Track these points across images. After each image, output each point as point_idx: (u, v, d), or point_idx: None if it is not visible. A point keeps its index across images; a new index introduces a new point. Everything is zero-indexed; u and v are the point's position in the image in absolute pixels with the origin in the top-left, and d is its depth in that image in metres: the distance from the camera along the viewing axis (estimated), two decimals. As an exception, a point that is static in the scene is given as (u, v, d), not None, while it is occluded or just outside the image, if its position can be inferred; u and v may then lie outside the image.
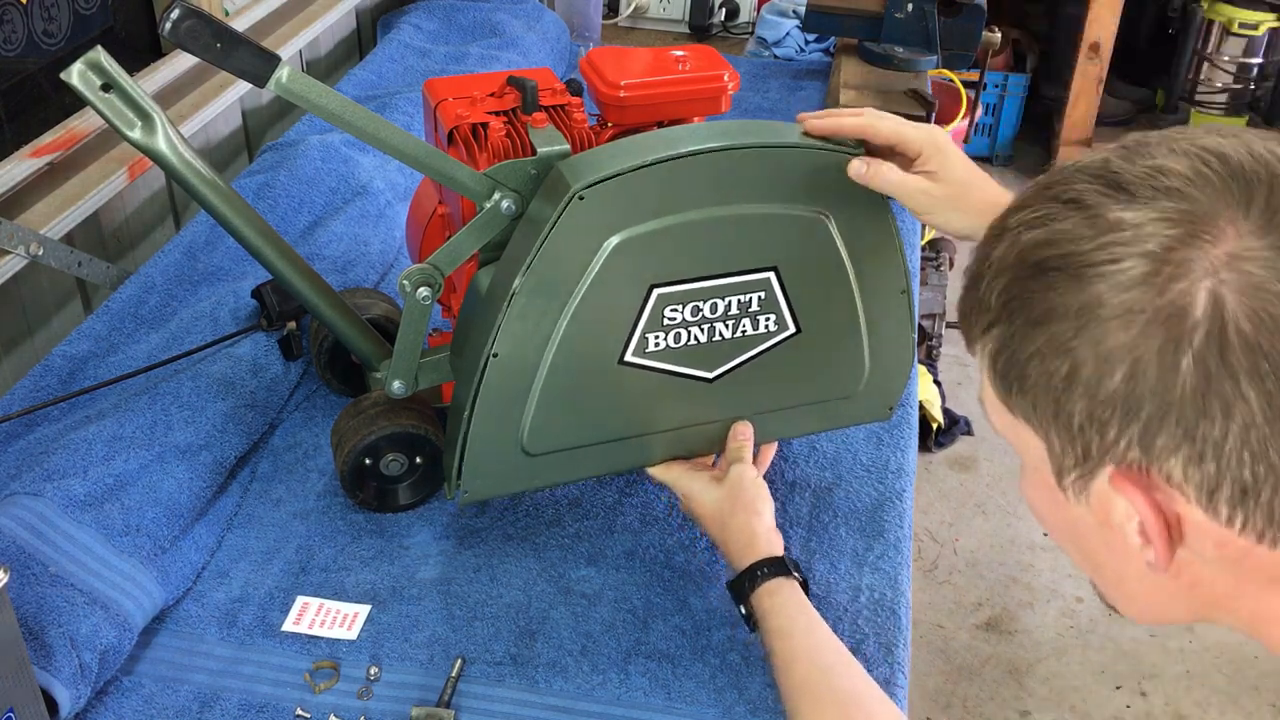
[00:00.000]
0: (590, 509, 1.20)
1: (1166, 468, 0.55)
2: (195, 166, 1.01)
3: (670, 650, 1.05)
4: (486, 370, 0.99)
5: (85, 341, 1.33)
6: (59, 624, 0.94)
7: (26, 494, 1.03)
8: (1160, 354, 0.53)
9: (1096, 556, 0.65)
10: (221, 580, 1.11)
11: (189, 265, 1.46)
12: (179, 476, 1.11)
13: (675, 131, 1.05)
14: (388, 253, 1.54)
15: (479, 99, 1.12)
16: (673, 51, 1.13)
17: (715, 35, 2.63)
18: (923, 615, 2.28)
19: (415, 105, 1.80)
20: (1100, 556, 0.64)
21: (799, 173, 1.00)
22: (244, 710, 0.98)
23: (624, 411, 1.08)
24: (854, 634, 1.07)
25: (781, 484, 1.23)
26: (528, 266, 0.95)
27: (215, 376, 1.22)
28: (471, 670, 1.02)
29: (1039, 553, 2.44)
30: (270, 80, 0.95)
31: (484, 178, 1.03)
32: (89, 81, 0.94)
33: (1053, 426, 0.58)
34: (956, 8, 2.16)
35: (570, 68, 2.25)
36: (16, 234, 1.28)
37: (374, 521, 1.18)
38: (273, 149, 1.68)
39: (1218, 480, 0.54)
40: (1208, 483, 0.54)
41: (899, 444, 1.30)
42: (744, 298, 1.04)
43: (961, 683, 2.17)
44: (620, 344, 1.02)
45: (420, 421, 1.14)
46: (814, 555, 1.15)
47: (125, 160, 1.46)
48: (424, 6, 2.22)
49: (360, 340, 1.17)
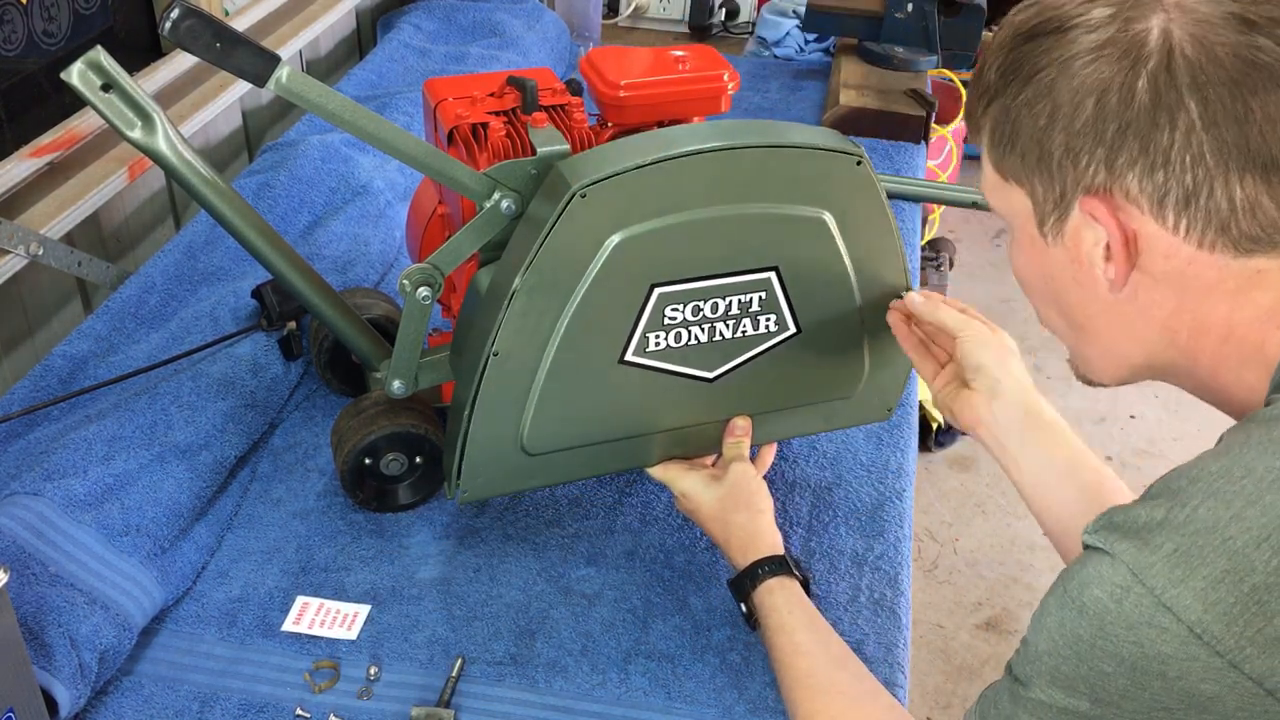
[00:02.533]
0: (590, 509, 1.20)
1: (1125, 184, 0.67)
2: (195, 166, 1.01)
3: (670, 650, 1.05)
4: (487, 369, 0.99)
5: (85, 341, 1.33)
6: (59, 624, 0.94)
7: (26, 494, 1.03)
8: (1122, 80, 0.65)
9: (1068, 298, 0.76)
10: (221, 580, 1.11)
11: (189, 265, 1.46)
12: (179, 476, 1.11)
13: (675, 131, 1.05)
14: (388, 253, 1.54)
15: (479, 99, 1.12)
16: (673, 51, 1.13)
17: (715, 35, 2.63)
18: (923, 615, 2.28)
19: (415, 105, 1.80)
20: (1071, 296, 0.76)
21: (799, 173, 1.00)
22: (244, 710, 0.98)
23: (624, 411, 1.08)
24: (854, 634, 1.07)
25: (781, 484, 1.23)
26: (528, 266, 0.95)
27: (215, 376, 1.22)
28: (471, 670, 1.02)
29: (1039, 553, 2.44)
30: (270, 80, 0.95)
31: (484, 177, 1.02)
32: (89, 81, 0.94)
33: (1036, 173, 0.71)
34: (956, 8, 2.16)
35: (570, 68, 2.25)
36: (16, 234, 1.28)
37: (374, 521, 1.18)
38: (273, 149, 1.68)
39: (1166, 187, 0.66)
40: (1158, 191, 0.66)
41: (899, 444, 1.30)
42: (744, 297, 1.04)
43: (961, 683, 2.17)
44: (621, 343, 1.02)
45: (420, 421, 1.14)
46: (814, 555, 1.15)
47: (125, 160, 1.46)
48: (424, 6, 2.22)
49: (360, 340, 1.17)
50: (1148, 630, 0.58)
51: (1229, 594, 0.56)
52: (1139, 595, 0.59)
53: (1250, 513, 0.58)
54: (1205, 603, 0.57)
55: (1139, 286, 0.71)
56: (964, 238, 3.55)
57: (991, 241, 3.59)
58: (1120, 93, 0.66)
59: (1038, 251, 0.75)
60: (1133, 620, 0.59)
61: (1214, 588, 0.57)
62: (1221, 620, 0.56)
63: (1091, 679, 0.62)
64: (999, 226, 3.64)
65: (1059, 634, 0.63)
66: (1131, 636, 0.59)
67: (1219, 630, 0.56)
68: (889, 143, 1.99)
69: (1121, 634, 0.60)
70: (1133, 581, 0.59)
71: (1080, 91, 0.67)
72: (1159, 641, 0.58)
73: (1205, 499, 0.59)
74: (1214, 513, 0.59)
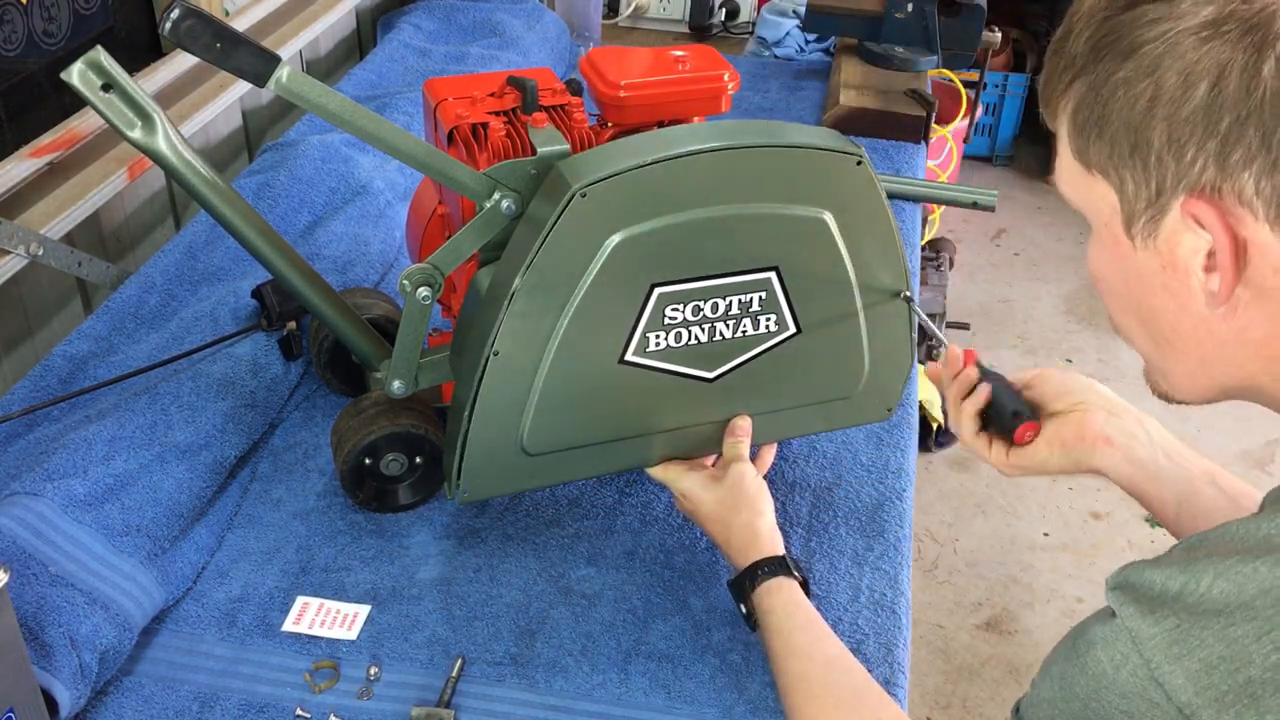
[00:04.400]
0: (590, 509, 1.20)
1: (1239, 183, 0.58)
2: (195, 166, 1.01)
3: (670, 650, 1.05)
4: (487, 370, 0.99)
5: (85, 341, 1.33)
6: (59, 624, 0.94)
7: (27, 494, 1.03)
8: (1244, 63, 0.56)
9: (1155, 307, 0.67)
10: (221, 580, 1.11)
11: (189, 265, 1.46)
12: (179, 476, 1.11)
13: (675, 131, 1.05)
14: (388, 253, 1.54)
15: (479, 99, 1.12)
16: (673, 51, 1.13)
17: (715, 35, 2.63)
18: (923, 615, 2.28)
19: (415, 105, 1.80)
20: (1159, 306, 0.66)
21: (799, 173, 1.00)
22: (244, 710, 0.98)
23: (624, 411, 1.08)
24: (854, 634, 1.07)
25: (781, 484, 1.23)
26: (528, 266, 0.95)
27: (215, 376, 1.22)
28: (471, 670, 1.02)
29: (1039, 553, 2.44)
30: (270, 80, 0.95)
31: (484, 177, 1.03)
32: (89, 81, 0.94)
33: (1128, 166, 0.62)
34: (956, 8, 2.16)
35: (570, 68, 2.25)
36: (16, 234, 1.28)
37: (374, 521, 1.18)
38: (273, 149, 1.68)
39: None
40: (1278, 194, 0.57)
41: (899, 444, 1.30)
42: (745, 297, 1.04)
43: (961, 683, 2.17)
44: (621, 343, 1.02)
45: (420, 421, 1.14)
46: (814, 555, 1.15)
47: (125, 160, 1.46)
48: (424, 6, 2.22)
49: (360, 340, 1.17)
50: (1139, 702, 0.58)
51: (1222, 681, 0.55)
52: (1135, 665, 0.58)
53: (1260, 603, 0.55)
54: (1197, 686, 0.55)
55: (1239, 302, 0.62)
56: (964, 238, 3.55)
57: (991, 241, 3.59)
58: (1241, 77, 0.56)
59: (1122, 254, 0.66)
60: (1126, 690, 0.58)
61: (1208, 673, 0.55)
62: (1212, 707, 0.55)
63: None
64: (999, 226, 3.64)
65: (1060, 686, 0.63)
66: (1124, 705, 0.58)
67: (1208, 716, 0.55)
68: (889, 143, 1.99)
69: (1115, 701, 0.59)
70: (1132, 650, 0.58)
71: (1191, 73, 0.57)
72: (1149, 715, 0.57)
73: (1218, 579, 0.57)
74: (1225, 596, 0.56)
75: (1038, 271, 3.46)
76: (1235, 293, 0.62)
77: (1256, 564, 0.56)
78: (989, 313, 3.26)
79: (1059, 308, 3.31)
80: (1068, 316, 3.27)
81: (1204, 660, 0.56)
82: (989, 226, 3.63)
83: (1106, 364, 3.04)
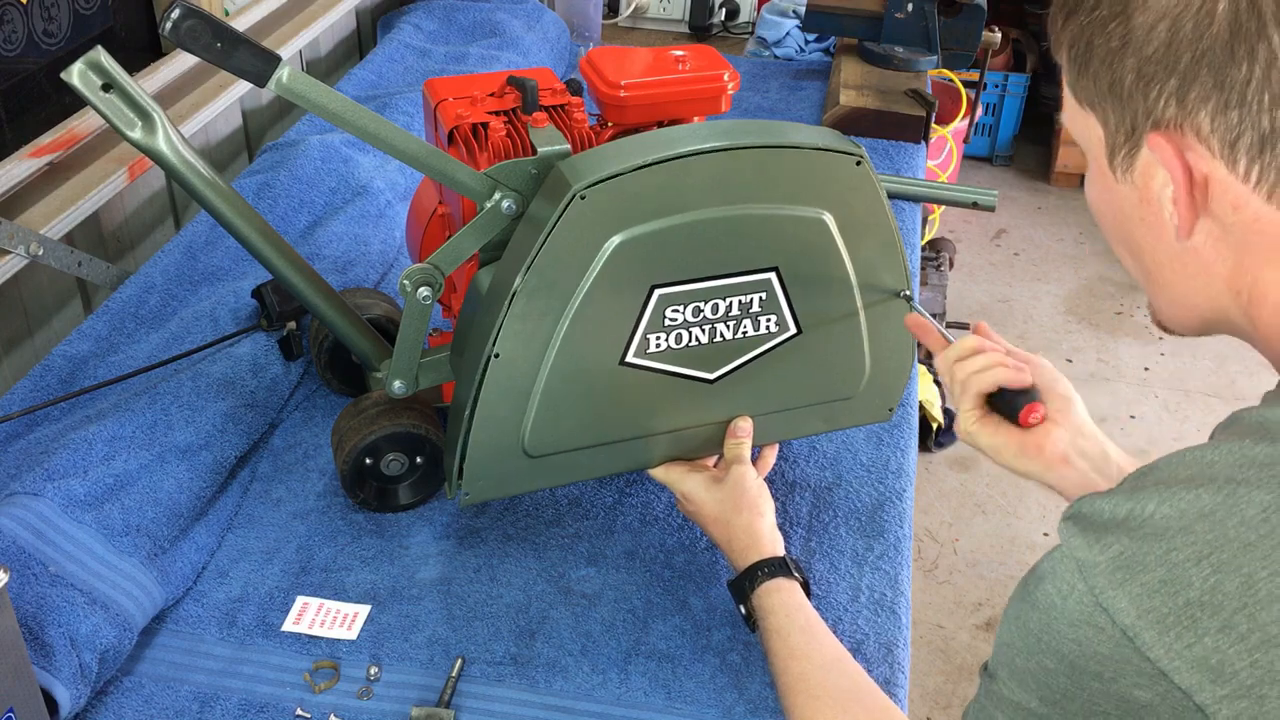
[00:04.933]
0: (590, 509, 1.20)
1: (1197, 121, 0.61)
2: (195, 166, 1.01)
3: (670, 650, 1.05)
4: (487, 371, 0.99)
5: (85, 341, 1.33)
6: (59, 624, 0.94)
7: (26, 494, 1.03)
8: (1200, 4, 0.59)
9: (1138, 239, 0.70)
10: (221, 580, 1.11)
11: (189, 265, 1.46)
12: (179, 476, 1.11)
13: (675, 131, 1.05)
14: (388, 253, 1.54)
15: (479, 99, 1.12)
16: (673, 51, 1.13)
17: (715, 35, 2.63)
18: (923, 615, 2.28)
19: (415, 105, 1.80)
20: (1140, 238, 0.70)
21: (799, 173, 1.00)
22: (244, 710, 0.98)
23: (625, 413, 1.08)
24: (854, 634, 1.07)
25: (781, 484, 1.23)
26: (529, 266, 0.95)
27: (215, 376, 1.22)
28: (471, 670, 1.02)
29: (1039, 553, 2.44)
30: (270, 80, 0.95)
31: (484, 177, 1.02)
32: (89, 81, 0.94)
33: (1108, 101, 0.65)
34: (956, 8, 2.16)
35: (570, 68, 2.25)
36: (16, 234, 1.28)
37: (374, 521, 1.18)
38: (273, 149, 1.68)
39: (1240, 129, 0.60)
40: (1230, 132, 0.60)
41: (899, 444, 1.30)
42: (745, 298, 1.04)
43: (961, 683, 2.17)
44: (621, 345, 1.02)
45: (420, 421, 1.14)
46: (814, 555, 1.15)
47: (125, 160, 1.46)
48: (424, 6, 2.22)
49: (360, 340, 1.17)
50: (1086, 629, 0.58)
51: (1163, 604, 0.56)
52: (1081, 593, 0.58)
53: (1200, 527, 0.56)
54: (1139, 609, 0.56)
55: (1208, 236, 0.65)
56: (964, 238, 3.55)
57: (991, 241, 3.59)
58: (1195, 21, 0.59)
59: (1109, 186, 0.70)
60: (1074, 618, 0.59)
61: (1149, 596, 0.56)
62: (1154, 628, 0.56)
63: (1039, 675, 0.62)
64: (999, 226, 3.64)
65: (1016, 626, 0.63)
66: (1073, 634, 0.59)
67: (1150, 638, 0.56)
68: (889, 143, 1.99)
69: (1065, 630, 0.59)
70: (1078, 579, 0.59)
71: (1155, 12, 0.61)
72: (1095, 641, 0.58)
73: (1162, 504, 0.58)
74: (1167, 521, 0.58)
75: (1038, 271, 3.46)
76: (1201, 225, 0.65)
77: (1199, 490, 0.58)
78: (989, 313, 3.26)
79: (1059, 308, 3.31)
80: (1068, 316, 3.27)
81: (1145, 584, 0.56)
82: (989, 226, 3.63)
83: (1106, 364, 3.04)
